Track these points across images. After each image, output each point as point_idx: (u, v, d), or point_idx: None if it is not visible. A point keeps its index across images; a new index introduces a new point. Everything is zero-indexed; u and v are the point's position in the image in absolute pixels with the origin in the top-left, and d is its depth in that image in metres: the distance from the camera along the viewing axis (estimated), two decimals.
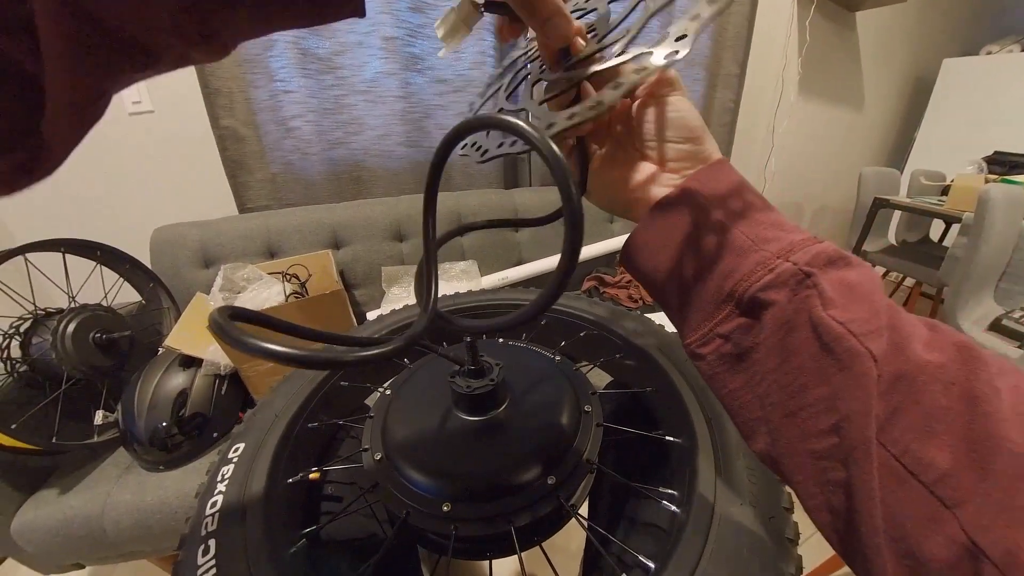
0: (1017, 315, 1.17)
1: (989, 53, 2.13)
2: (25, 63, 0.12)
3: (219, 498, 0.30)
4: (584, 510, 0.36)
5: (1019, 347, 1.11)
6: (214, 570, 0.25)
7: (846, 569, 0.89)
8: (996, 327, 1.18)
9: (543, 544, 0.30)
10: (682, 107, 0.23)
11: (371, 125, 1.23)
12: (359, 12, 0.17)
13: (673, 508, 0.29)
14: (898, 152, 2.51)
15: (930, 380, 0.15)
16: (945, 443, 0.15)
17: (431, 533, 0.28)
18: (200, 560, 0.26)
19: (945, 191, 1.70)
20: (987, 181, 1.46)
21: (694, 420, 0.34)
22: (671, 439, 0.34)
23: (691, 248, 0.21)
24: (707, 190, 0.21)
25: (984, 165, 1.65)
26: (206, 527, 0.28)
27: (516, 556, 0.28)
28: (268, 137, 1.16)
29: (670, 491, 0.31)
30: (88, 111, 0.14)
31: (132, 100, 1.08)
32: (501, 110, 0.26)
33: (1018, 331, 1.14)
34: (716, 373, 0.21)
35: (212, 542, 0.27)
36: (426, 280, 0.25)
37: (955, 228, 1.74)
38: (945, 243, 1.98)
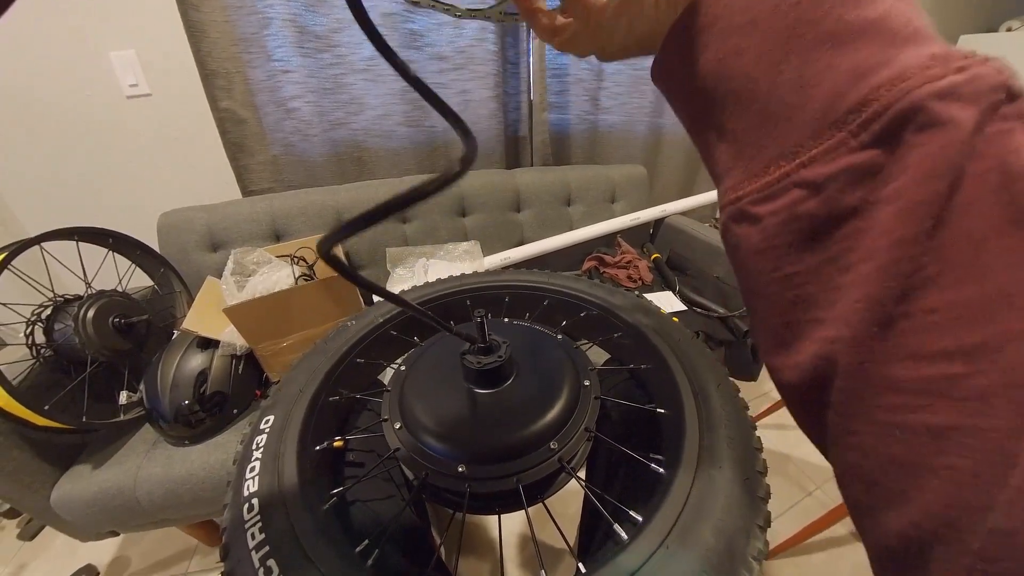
0: None
1: (1010, 30, 2.04)
2: None
3: (256, 464, 0.34)
4: (583, 474, 0.39)
5: None
6: (260, 523, 0.29)
7: (816, 538, 0.94)
8: None
9: (546, 503, 0.34)
10: None
11: (371, 105, 1.23)
12: None
13: (661, 471, 0.33)
14: None
15: None
16: None
17: (447, 491, 0.32)
18: (246, 516, 0.30)
19: None
20: None
21: (683, 395, 0.37)
22: (661, 411, 0.38)
23: (799, 25, 0.13)
24: None
25: None
26: (248, 488, 0.32)
27: (522, 513, 0.32)
28: (268, 119, 1.16)
29: (658, 456, 0.35)
30: None
31: (128, 83, 1.08)
32: None
33: None
34: (772, 247, 0.14)
35: (255, 500, 0.31)
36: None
37: None
38: None
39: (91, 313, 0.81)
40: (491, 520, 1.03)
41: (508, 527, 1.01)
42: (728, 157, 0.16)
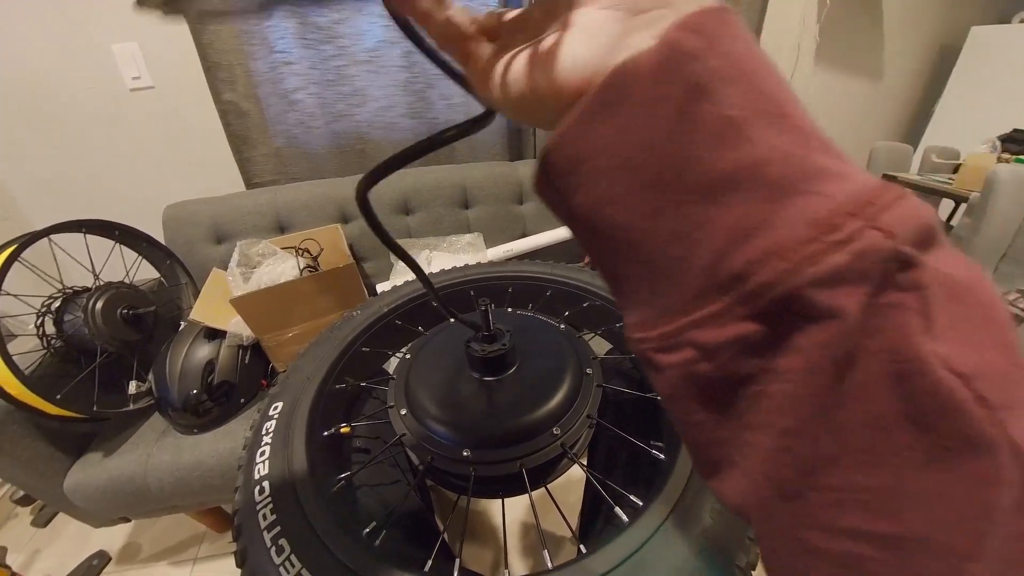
0: (1012, 296, 1.18)
1: (1022, 22, 1.99)
2: None
3: (267, 448, 0.35)
4: (585, 460, 0.40)
5: None
6: (271, 504, 0.30)
7: None
8: None
9: (549, 489, 0.35)
10: None
11: (374, 96, 1.22)
12: None
13: (660, 456, 0.33)
14: (915, 127, 2.42)
15: None
16: None
17: (452, 475, 0.33)
18: (257, 498, 0.31)
19: (957, 169, 1.66)
20: (999, 160, 1.42)
21: None
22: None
23: (669, 172, 0.12)
24: (711, 52, 0.11)
25: (998, 144, 1.59)
26: (258, 472, 0.33)
27: (525, 500, 0.32)
28: (271, 110, 1.16)
29: (658, 443, 0.35)
30: None
31: (131, 76, 1.08)
32: None
33: (1014, 314, 1.15)
34: (679, 396, 0.13)
35: (266, 484, 0.32)
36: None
37: (964, 208, 1.72)
38: (952, 223, 1.95)
39: (100, 304, 0.82)
40: (494, 507, 1.04)
41: (510, 515, 1.03)
42: (623, 297, 0.15)
